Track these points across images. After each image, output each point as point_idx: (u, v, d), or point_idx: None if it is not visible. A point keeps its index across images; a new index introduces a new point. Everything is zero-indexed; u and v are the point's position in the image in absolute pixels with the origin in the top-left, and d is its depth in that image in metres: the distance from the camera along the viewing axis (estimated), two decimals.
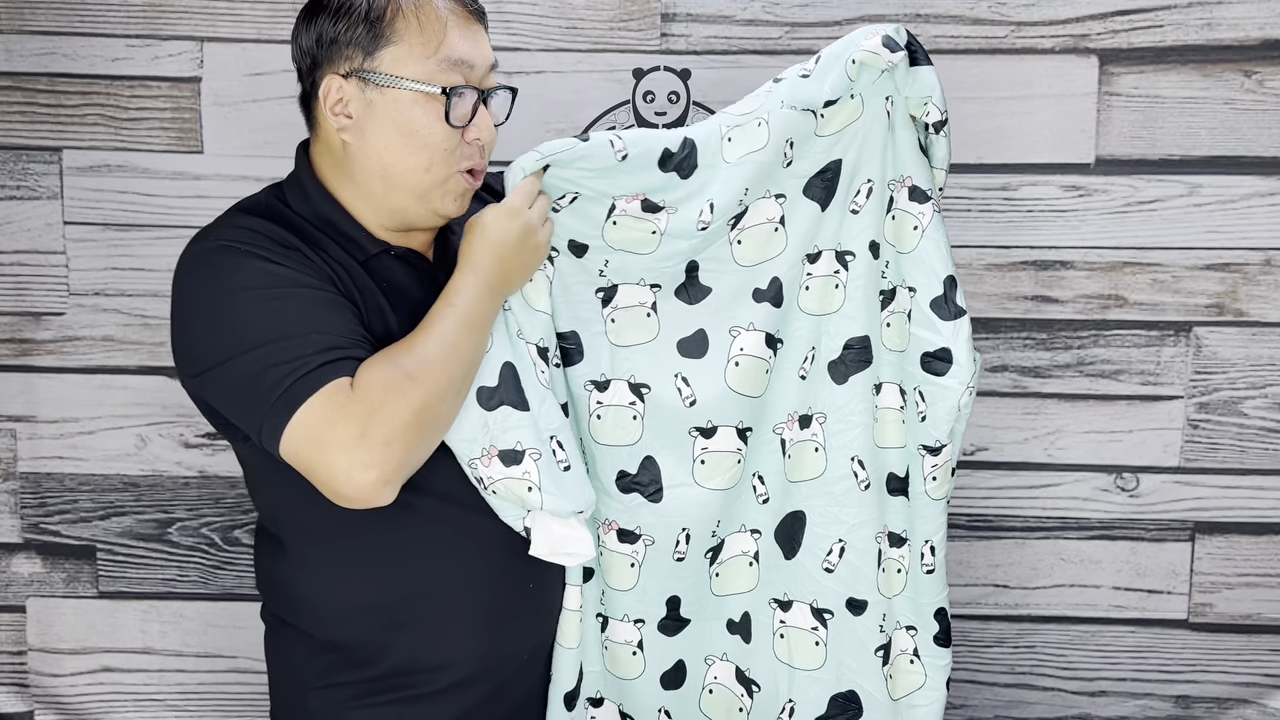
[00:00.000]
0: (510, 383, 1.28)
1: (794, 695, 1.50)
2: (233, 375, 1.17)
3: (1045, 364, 1.90)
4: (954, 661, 1.96)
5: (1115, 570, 1.94)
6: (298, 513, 1.29)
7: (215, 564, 1.98)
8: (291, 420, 1.14)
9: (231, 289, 1.20)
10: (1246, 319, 1.87)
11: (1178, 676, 1.96)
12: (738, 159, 1.35)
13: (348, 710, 1.31)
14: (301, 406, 1.14)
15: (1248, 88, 1.82)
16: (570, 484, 1.29)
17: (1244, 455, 1.90)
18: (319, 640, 1.32)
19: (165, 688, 2.01)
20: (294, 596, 1.34)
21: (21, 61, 1.86)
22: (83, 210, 1.90)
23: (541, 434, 1.28)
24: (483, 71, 1.28)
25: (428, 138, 1.25)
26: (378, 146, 1.26)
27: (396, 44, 1.24)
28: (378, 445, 1.14)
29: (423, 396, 1.16)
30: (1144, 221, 1.86)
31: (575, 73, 1.84)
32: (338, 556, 1.30)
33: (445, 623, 1.31)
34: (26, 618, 2.00)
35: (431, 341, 1.20)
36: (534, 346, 1.32)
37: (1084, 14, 1.82)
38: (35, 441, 1.95)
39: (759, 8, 1.84)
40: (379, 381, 1.15)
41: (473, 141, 1.28)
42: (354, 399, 1.14)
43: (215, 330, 1.20)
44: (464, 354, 1.22)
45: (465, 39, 1.26)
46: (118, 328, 1.92)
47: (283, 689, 1.39)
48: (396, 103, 1.25)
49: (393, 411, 1.14)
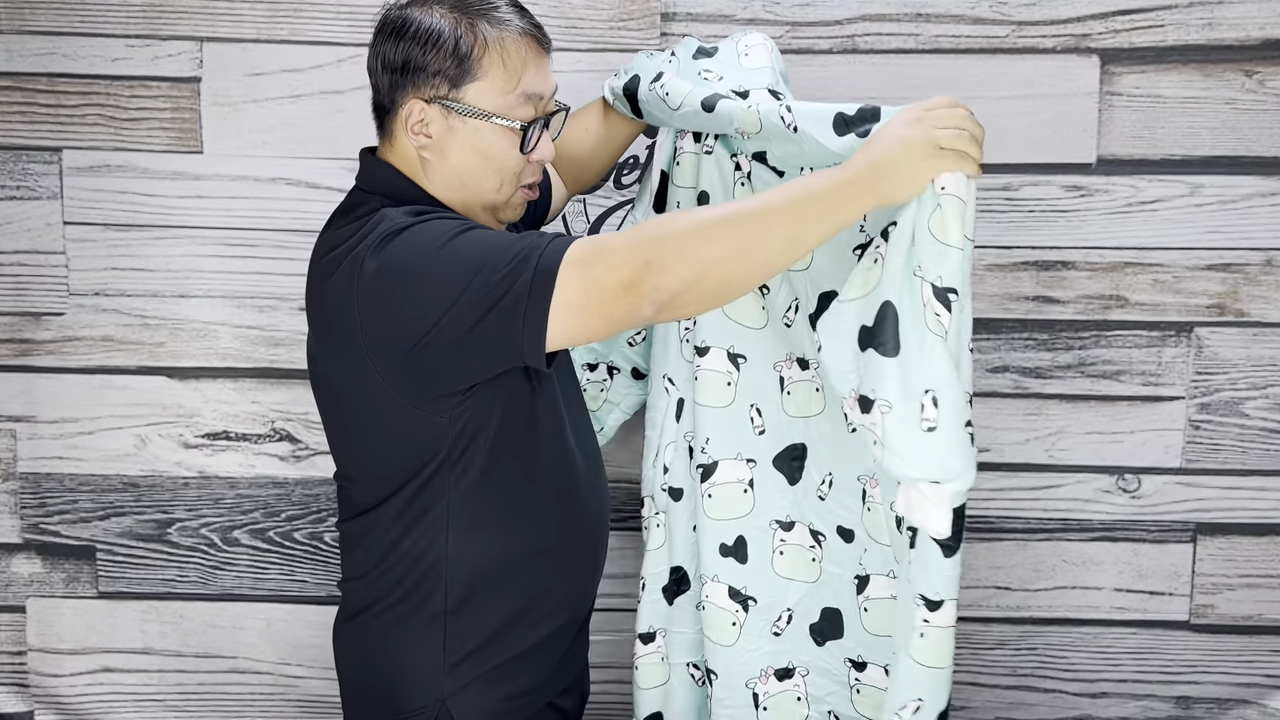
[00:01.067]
0: (888, 326, 1.24)
1: (791, 605, 1.59)
2: (473, 297, 1.23)
3: (1046, 365, 1.90)
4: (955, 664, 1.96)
5: (1117, 572, 1.94)
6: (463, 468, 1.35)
7: (215, 564, 1.98)
8: (550, 308, 1.21)
9: (424, 252, 1.26)
10: (1248, 319, 1.87)
11: (1179, 677, 1.95)
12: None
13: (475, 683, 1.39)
14: (554, 292, 1.21)
15: (1249, 88, 1.82)
16: (923, 448, 1.23)
17: (1245, 456, 1.90)
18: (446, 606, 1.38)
19: (165, 688, 2.01)
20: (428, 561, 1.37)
21: (21, 61, 1.86)
22: (83, 210, 1.90)
23: (910, 386, 1.23)
24: (549, 100, 1.40)
25: (503, 162, 1.37)
26: (457, 165, 1.37)
27: (481, 80, 1.34)
28: (636, 266, 1.20)
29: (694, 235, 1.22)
30: (1145, 222, 1.85)
31: (575, 72, 1.83)
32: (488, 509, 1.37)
33: (570, 564, 1.45)
34: (26, 618, 2.00)
35: (754, 199, 1.26)
36: (930, 286, 1.23)
37: (1085, 14, 1.82)
38: (35, 442, 1.96)
39: (759, 7, 1.84)
40: (648, 227, 1.24)
41: (535, 162, 1.40)
42: (645, 235, 1.23)
43: (428, 284, 1.25)
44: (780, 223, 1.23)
45: (539, 74, 1.37)
46: (118, 328, 1.92)
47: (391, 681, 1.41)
48: (478, 131, 1.35)
49: (656, 241, 1.21)
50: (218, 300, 1.91)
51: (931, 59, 1.84)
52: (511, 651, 1.41)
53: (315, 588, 1.98)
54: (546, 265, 1.22)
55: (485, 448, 1.34)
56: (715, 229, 1.22)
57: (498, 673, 1.40)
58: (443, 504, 1.35)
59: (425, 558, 1.37)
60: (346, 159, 1.86)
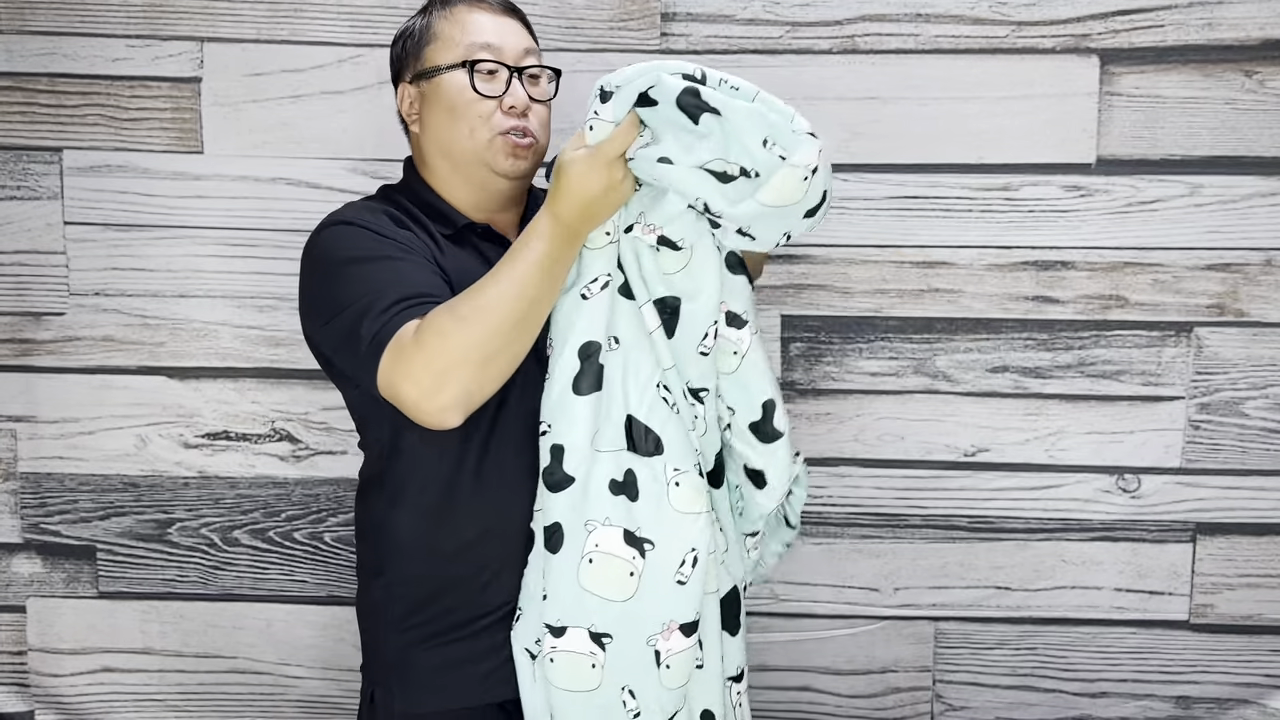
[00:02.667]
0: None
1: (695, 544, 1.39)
2: (339, 330, 1.35)
3: (1046, 364, 1.90)
4: (955, 664, 1.97)
5: (1117, 571, 1.94)
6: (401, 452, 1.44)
7: (215, 564, 1.98)
8: (378, 364, 1.30)
9: (337, 259, 1.39)
10: (1247, 319, 1.87)
11: (1179, 677, 1.95)
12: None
13: (417, 651, 1.44)
14: (383, 351, 1.30)
15: (1249, 88, 1.82)
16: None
17: (1245, 456, 1.90)
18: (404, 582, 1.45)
19: (165, 688, 2.01)
20: (390, 538, 1.46)
21: (21, 61, 1.87)
22: (83, 210, 1.90)
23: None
24: (514, 54, 1.47)
25: (465, 110, 1.45)
26: (434, 130, 1.48)
27: (434, 42, 1.48)
28: (434, 375, 1.28)
29: (473, 336, 1.28)
30: (1145, 222, 1.86)
31: (575, 72, 1.82)
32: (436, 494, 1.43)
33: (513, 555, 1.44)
34: (26, 618, 2.00)
35: (491, 285, 1.32)
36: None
37: (1085, 14, 1.82)
38: (35, 441, 1.96)
39: (759, 7, 1.84)
40: (431, 324, 1.29)
41: (508, 110, 1.45)
42: (413, 341, 1.28)
43: (324, 292, 1.39)
44: (526, 294, 1.32)
45: (492, 25, 1.48)
46: (118, 328, 1.92)
47: (369, 638, 1.51)
48: (439, 87, 1.47)
49: (442, 349, 1.27)
50: (218, 300, 1.92)
51: (931, 59, 1.84)
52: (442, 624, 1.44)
53: (315, 588, 1.98)
54: (380, 339, 1.31)
55: (391, 423, 1.41)
56: (471, 327, 1.29)
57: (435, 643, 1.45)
58: (378, 472, 1.48)
59: (366, 523, 1.51)
60: (347, 159, 1.86)
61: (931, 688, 1.98)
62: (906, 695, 1.98)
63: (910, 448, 1.93)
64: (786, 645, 1.98)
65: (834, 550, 1.95)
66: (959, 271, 1.88)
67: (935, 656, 1.97)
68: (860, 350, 1.91)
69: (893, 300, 1.90)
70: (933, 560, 1.95)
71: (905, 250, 1.88)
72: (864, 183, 1.86)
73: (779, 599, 1.97)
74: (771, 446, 1.44)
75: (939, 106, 1.85)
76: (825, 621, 1.97)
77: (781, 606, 1.97)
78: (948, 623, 1.96)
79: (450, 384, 1.28)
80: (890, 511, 1.94)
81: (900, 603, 1.96)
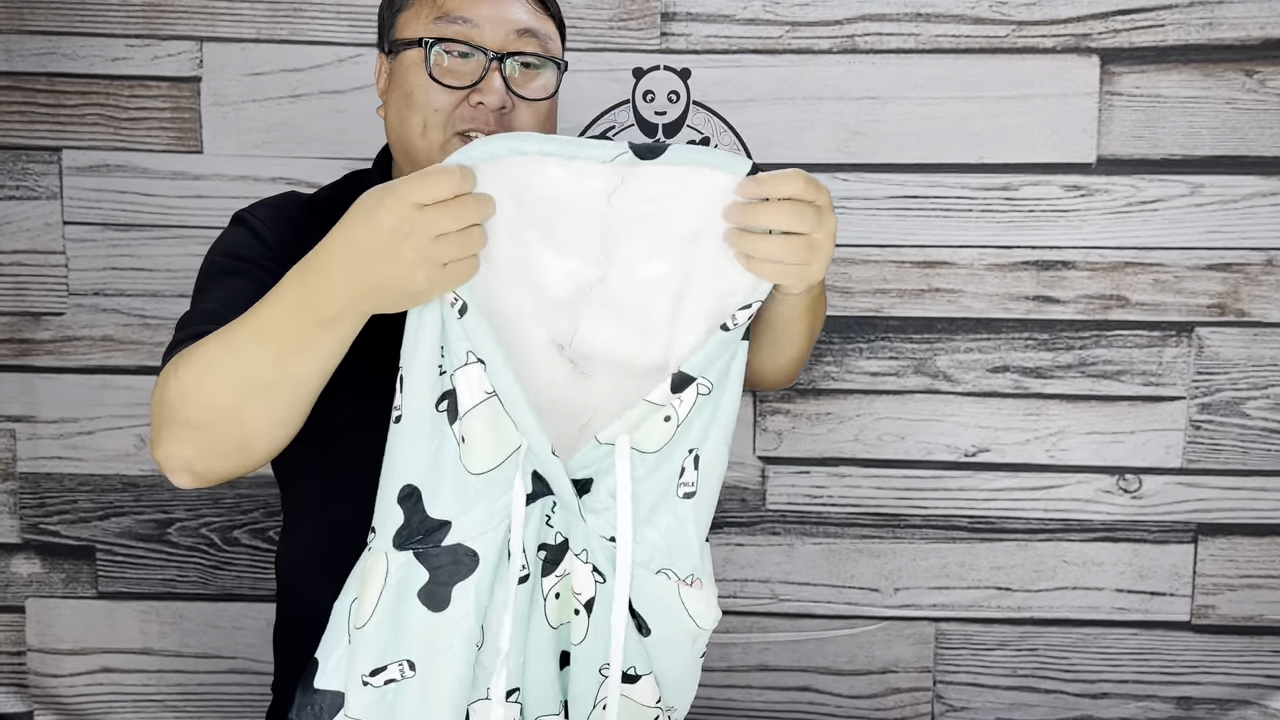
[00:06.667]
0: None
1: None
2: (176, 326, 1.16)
3: (1047, 364, 1.90)
4: (956, 665, 1.97)
5: (1118, 572, 1.94)
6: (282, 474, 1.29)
7: (215, 564, 1.98)
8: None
9: (209, 253, 1.23)
10: (1248, 319, 1.87)
11: (1180, 678, 1.95)
12: None
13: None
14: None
15: (1249, 87, 1.82)
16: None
17: (1246, 456, 1.89)
18: (287, 618, 1.34)
19: (165, 688, 2.01)
20: (279, 571, 1.38)
21: (21, 61, 1.87)
22: (82, 210, 1.90)
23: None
24: (500, 34, 1.19)
25: (419, 97, 1.19)
26: (391, 117, 1.24)
27: (406, 9, 1.22)
28: (154, 426, 1.06)
29: (186, 387, 1.02)
30: (1145, 221, 1.85)
31: (575, 72, 1.82)
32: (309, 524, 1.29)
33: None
34: (26, 618, 2.00)
35: (225, 332, 1.03)
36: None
37: (1085, 13, 1.82)
38: (34, 441, 1.95)
39: (759, 7, 1.84)
40: (169, 367, 1.06)
41: (476, 106, 1.19)
42: (162, 376, 1.07)
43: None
44: (244, 359, 1.01)
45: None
46: (117, 328, 1.92)
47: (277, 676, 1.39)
48: (402, 66, 1.21)
49: (161, 394, 1.05)
50: None
51: (931, 59, 1.84)
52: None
53: None
54: (169, 347, 1.11)
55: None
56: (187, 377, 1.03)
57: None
58: None
59: None
60: (347, 159, 1.86)
61: (932, 688, 1.98)
62: (907, 696, 1.98)
63: (910, 448, 1.93)
64: (786, 645, 1.98)
65: (834, 550, 1.95)
66: (959, 271, 1.88)
67: (936, 657, 1.97)
68: (860, 350, 1.91)
69: (893, 300, 1.90)
70: (933, 560, 1.95)
71: (905, 250, 1.88)
72: (864, 183, 1.86)
73: (779, 599, 1.97)
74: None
75: (939, 106, 1.85)
76: (825, 622, 1.97)
77: (781, 607, 1.97)
78: (948, 623, 1.96)
79: (165, 439, 1.04)
80: (890, 512, 1.94)
81: (901, 603, 1.96)
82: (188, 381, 1.02)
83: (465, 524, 1.02)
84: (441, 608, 1.02)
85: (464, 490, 1.02)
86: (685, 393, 1.04)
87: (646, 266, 1.02)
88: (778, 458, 1.94)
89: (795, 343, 1.19)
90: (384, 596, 1.02)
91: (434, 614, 1.02)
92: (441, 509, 1.02)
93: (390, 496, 1.03)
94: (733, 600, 1.95)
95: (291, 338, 0.99)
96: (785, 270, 1.00)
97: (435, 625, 1.02)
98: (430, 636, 1.02)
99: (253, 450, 1.05)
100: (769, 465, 1.94)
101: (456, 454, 1.01)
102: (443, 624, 1.02)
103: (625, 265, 1.02)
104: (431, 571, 1.02)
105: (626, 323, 1.05)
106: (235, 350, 1.00)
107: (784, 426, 1.93)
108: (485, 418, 1.00)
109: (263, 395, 1.01)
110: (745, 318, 1.04)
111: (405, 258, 0.92)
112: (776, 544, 1.95)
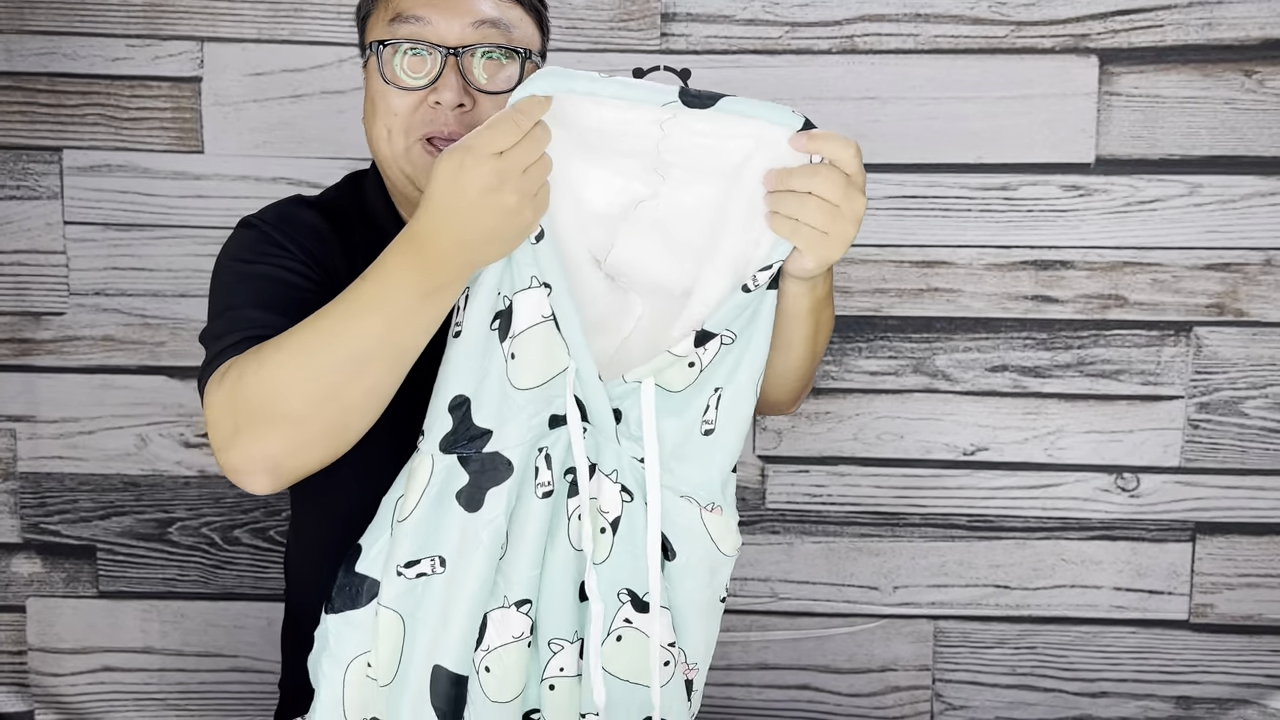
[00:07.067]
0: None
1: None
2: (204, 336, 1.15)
3: (1045, 364, 1.90)
4: (955, 663, 1.97)
5: (1116, 571, 1.94)
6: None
7: (216, 564, 1.98)
8: (203, 398, 1.09)
9: (223, 259, 1.21)
10: (1247, 319, 1.87)
11: (1179, 677, 1.95)
12: None
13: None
14: (208, 383, 1.08)
15: (1248, 87, 1.82)
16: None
17: (1245, 455, 1.90)
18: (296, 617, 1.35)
19: (165, 687, 2.01)
20: (288, 568, 1.39)
21: (21, 61, 1.86)
22: (83, 210, 1.90)
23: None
24: (456, 28, 1.15)
25: (380, 103, 1.17)
26: (365, 125, 1.22)
27: (372, 14, 1.21)
28: (231, 428, 1.02)
29: (275, 385, 1.01)
30: (1144, 221, 1.86)
31: None
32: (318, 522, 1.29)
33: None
34: (26, 618, 2.00)
35: (312, 324, 1.02)
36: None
37: (1084, 14, 1.82)
38: (35, 441, 1.95)
39: (759, 7, 1.84)
40: (242, 362, 1.03)
41: (434, 106, 1.15)
42: (223, 378, 1.04)
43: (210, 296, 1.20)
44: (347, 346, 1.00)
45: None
46: (118, 328, 1.92)
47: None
48: (369, 73, 1.19)
49: (242, 396, 1.01)
50: None
51: (931, 59, 1.84)
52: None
53: None
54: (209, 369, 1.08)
55: None
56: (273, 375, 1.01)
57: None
58: None
59: None
60: (347, 159, 1.86)
61: (931, 686, 1.98)
62: (906, 694, 1.98)
63: (909, 447, 1.93)
64: (786, 644, 1.98)
65: (833, 549, 1.96)
66: (958, 271, 1.89)
67: (935, 655, 1.98)
68: (860, 349, 1.91)
69: (892, 299, 1.90)
70: (932, 559, 1.95)
71: (904, 250, 1.89)
72: None
73: (778, 597, 1.97)
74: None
75: (938, 106, 1.85)
76: (824, 620, 1.98)
77: (780, 605, 1.98)
78: (947, 621, 1.97)
79: (244, 441, 1.01)
80: (889, 510, 1.95)
81: (899, 601, 1.96)
82: (277, 375, 1.00)
83: (504, 434, 1.07)
84: (476, 509, 1.07)
85: (506, 403, 1.07)
86: (708, 345, 1.09)
87: (691, 189, 1.07)
88: (777, 457, 1.94)
89: (794, 349, 1.16)
90: (426, 495, 1.08)
91: (469, 514, 1.07)
92: (484, 418, 1.07)
93: (442, 404, 1.07)
94: (732, 599, 1.95)
95: (401, 310, 0.99)
96: (801, 232, 1.02)
97: (469, 523, 1.07)
98: (463, 534, 1.07)
99: (349, 432, 1.04)
100: (769, 464, 1.94)
101: (504, 369, 1.06)
102: (475, 523, 1.07)
103: (674, 185, 1.07)
104: (471, 475, 1.07)
105: (664, 243, 1.09)
106: (335, 332, 1.00)
107: (784, 425, 1.93)
108: (539, 339, 1.05)
109: (370, 369, 1.01)
110: (765, 278, 1.07)
111: (507, 204, 0.95)
112: (776, 543, 1.95)
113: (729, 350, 1.10)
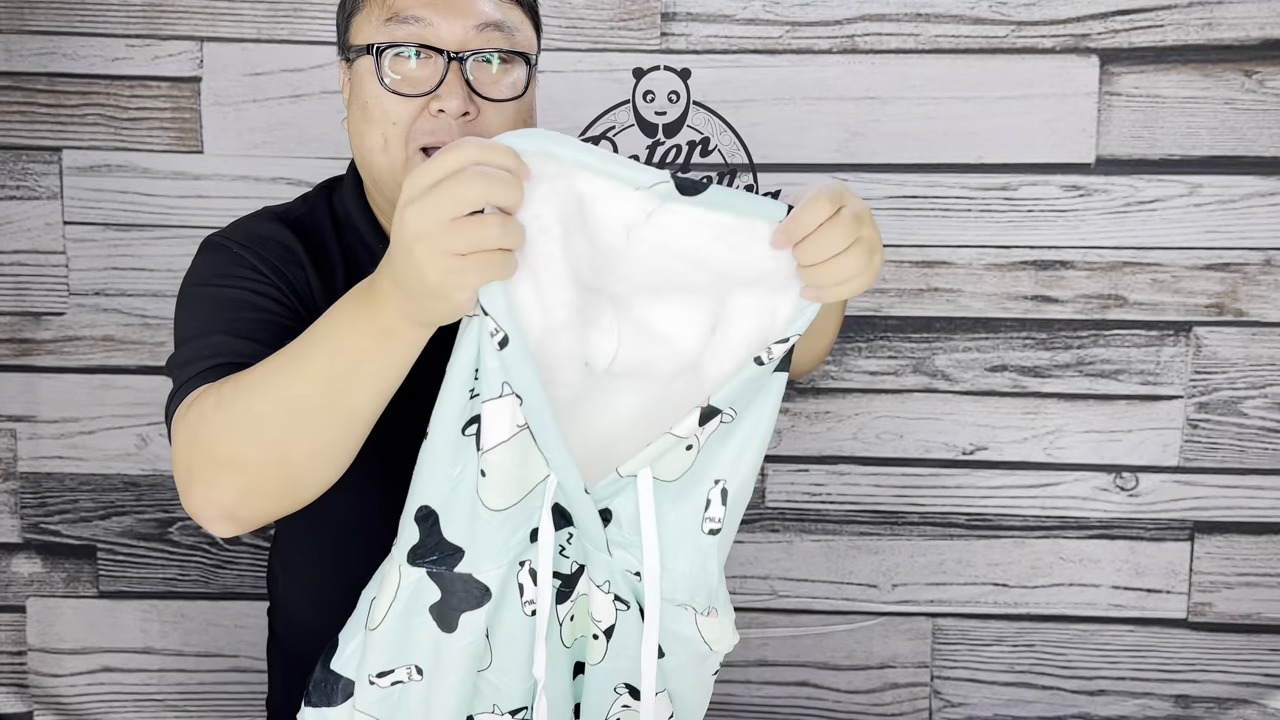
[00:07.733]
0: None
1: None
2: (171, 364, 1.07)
3: (1045, 364, 1.90)
4: (953, 660, 1.98)
5: (1114, 569, 1.94)
6: None
7: (216, 563, 1.98)
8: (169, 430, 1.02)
9: (189, 282, 1.13)
10: (1246, 319, 1.87)
11: (1177, 676, 1.96)
12: None
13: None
14: (173, 415, 1.01)
15: (1248, 87, 1.82)
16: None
17: (1243, 455, 1.90)
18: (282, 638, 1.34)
19: (165, 688, 2.01)
20: (272, 587, 1.38)
21: (21, 61, 1.86)
22: (83, 210, 1.90)
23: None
24: (456, 31, 1.08)
25: (375, 110, 1.08)
26: (352, 131, 1.14)
27: (359, 11, 1.12)
28: (183, 472, 0.96)
29: (227, 428, 0.93)
30: (1144, 221, 1.86)
31: (575, 72, 1.83)
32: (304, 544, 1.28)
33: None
34: (26, 618, 2.00)
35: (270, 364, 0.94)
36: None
37: (1084, 14, 1.82)
38: (35, 441, 1.95)
39: (759, 7, 1.84)
40: (198, 405, 0.96)
41: (437, 114, 1.08)
42: (183, 420, 0.97)
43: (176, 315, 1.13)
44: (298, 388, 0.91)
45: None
46: (118, 328, 1.92)
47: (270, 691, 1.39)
48: (358, 75, 1.11)
49: (195, 437, 0.95)
50: None
51: (931, 59, 1.84)
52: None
53: None
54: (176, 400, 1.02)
55: None
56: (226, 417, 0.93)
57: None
58: None
59: None
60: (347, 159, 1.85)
61: (930, 684, 1.99)
62: (905, 691, 1.99)
63: (909, 446, 1.93)
64: (785, 641, 1.99)
65: (832, 547, 1.96)
66: (958, 271, 1.89)
67: (933, 653, 1.98)
68: (859, 349, 1.91)
69: (892, 299, 1.90)
70: (931, 557, 1.95)
71: (904, 250, 1.89)
72: (863, 183, 1.87)
73: (777, 595, 1.98)
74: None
75: (938, 106, 1.85)
76: (824, 617, 1.98)
77: (780, 602, 1.98)
78: (946, 619, 1.97)
79: (199, 486, 0.94)
80: (889, 509, 1.95)
81: (898, 599, 1.97)
82: (227, 415, 0.92)
83: (476, 554, 0.99)
84: (450, 630, 1.00)
85: (476, 523, 0.98)
86: (708, 424, 0.98)
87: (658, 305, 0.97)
88: (777, 456, 1.94)
89: (828, 334, 1.18)
90: (394, 608, 1.00)
91: (443, 633, 1.01)
92: (455, 534, 0.98)
93: (410, 513, 0.99)
94: (732, 597, 1.93)
95: (343, 352, 0.89)
96: (860, 282, 0.92)
97: (444, 641, 1.01)
98: (438, 652, 1.01)
99: (303, 490, 0.96)
100: (768, 463, 1.94)
101: (475, 486, 0.96)
102: (451, 643, 1.01)
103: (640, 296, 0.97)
104: (444, 593, 1.00)
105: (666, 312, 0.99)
106: (279, 370, 0.91)
107: (783, 425, 1.93)
108: (512, 453, 0.94)
109: (312, 422, 0.91)
110: (781, 352, 0.97)
111: (415, 251, 0.79)
112: (776, 541, 1.96)
113: (728, 431, 1.00)
